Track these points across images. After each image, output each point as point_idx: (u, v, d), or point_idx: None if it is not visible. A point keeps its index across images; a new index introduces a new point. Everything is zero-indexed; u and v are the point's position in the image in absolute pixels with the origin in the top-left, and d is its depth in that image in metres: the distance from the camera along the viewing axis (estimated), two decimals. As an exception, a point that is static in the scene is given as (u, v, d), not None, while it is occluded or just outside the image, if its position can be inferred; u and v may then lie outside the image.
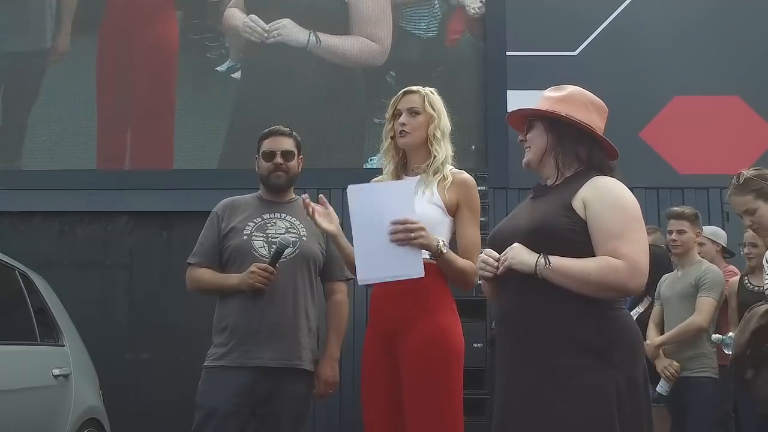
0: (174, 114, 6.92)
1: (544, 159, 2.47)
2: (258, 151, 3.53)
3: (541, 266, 2.26)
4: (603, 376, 2.21)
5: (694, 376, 4.39)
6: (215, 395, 3.24)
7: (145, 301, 6.65)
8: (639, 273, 2.25)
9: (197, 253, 3.46)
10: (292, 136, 3.53)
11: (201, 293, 3.51)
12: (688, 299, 4.46)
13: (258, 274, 3.22)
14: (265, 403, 3.26)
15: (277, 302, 3.29)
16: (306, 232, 3.42)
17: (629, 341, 2.31)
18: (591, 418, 2.19)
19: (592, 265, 2.24)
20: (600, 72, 6.44)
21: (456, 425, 2.79)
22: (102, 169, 6.82)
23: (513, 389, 2.32)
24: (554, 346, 2.25)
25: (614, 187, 2.35)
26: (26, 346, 4.27)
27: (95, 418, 4.68)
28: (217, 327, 3.39)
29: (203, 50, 7.03)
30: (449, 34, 7.02)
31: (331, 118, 6.84)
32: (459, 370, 2.83)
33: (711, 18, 6.86)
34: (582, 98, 2.46)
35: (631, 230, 2.28)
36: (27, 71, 7.05)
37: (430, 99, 3.01)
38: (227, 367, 3.26)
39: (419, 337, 2.78)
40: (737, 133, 6.65)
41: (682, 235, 4.56)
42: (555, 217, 2.32)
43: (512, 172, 6.19)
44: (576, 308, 2.26)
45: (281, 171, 3.46)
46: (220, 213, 3.49)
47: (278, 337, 3.27)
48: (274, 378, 3.25)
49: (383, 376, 2.85)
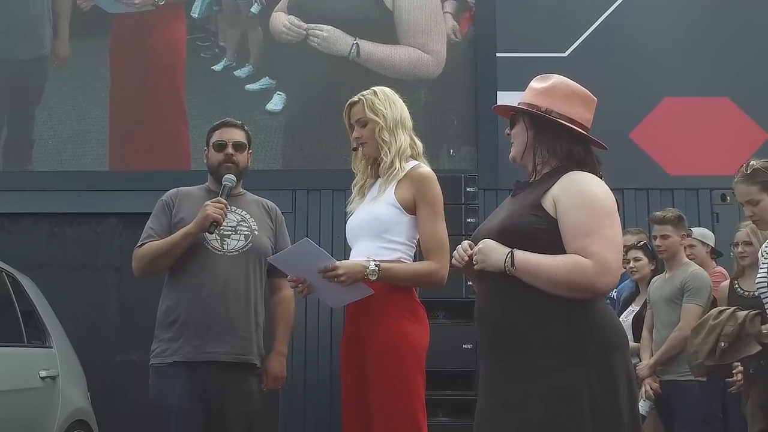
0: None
1: (525, 155, 2.44)
2: (207, 143, 3.51)
3: (509, 265, 2.22)
4: (572, 377, 2.16)
5: (681, 379, 4.39)
6: (171, 392, 3.18)
7: (136, 303, 6.61)
8: (608, 272, 2.18)
9: (146, 238, 3.37)
10: (243, 129, 3.53)
11: (152, 267, 3.33)
12: (676, 302, 4.46)
13: (213, 206, 3.18)
14: (217, 398, 3.22)
15: (230, 296, 3.26)
16: (257, 226, 3.41)
17: (602, 336, 2.24)
18: (560, 421, 2.14)
19: (559, 264, 2.18)
20: (590, 73, 6.38)
21: (416, 428, 2.77)
22: (92, 170, 6.79)
23: (484, 390, 2.31)
24: (523, 345, 2.22)
25: (585, 182, 2.28)
26: (13, 347, 4.26)
27: (83, 420, 4.68)
28: (163, 321, 3.30)
29: (196, 50, 7.01)
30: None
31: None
32: (414, 374, 2.79)
33: (701, 19, 6.87)
34: (565, 90, 2.40)
35: (601, 227, 2.20)
36: (23, 75, 7.02)
37: (371, 104, 2.97)
38: (179, 362, 3.20)
39: (374, 344, 2.79)
40: (727, 134, 6.65)
41: (666, 240, 4.56)
42: (522, 216, 2.28)
43: (502, 173, 6.18)
44: (545, 307, 2.21)
45: (231, 162, 3.43)
46: (170, 202, 3.43)
47: (231, 332, 3.24)
48: (226, 373, 3.22)
49: (354, 379, 2.87)
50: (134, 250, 3.39)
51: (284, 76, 6.92)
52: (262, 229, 3.41)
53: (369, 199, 2.96)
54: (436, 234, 2.86)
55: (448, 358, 4.90)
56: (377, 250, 2.84)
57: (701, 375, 4.10)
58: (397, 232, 2.85)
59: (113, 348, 6.53)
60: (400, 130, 2.95)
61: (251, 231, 3.38)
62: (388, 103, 2.97)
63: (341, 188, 6.32)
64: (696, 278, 4.47)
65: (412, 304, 2.88)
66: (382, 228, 2.85)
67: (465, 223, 5.51)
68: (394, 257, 2.84)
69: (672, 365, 4.43)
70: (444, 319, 5.27)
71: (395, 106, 2.97)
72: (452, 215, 3.60)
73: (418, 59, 6.79)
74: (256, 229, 3.39)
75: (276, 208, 3.60)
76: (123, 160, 6.86)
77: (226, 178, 3.34)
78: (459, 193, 5.58)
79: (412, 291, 2.91)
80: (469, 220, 5.59)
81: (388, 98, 2.99)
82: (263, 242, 3.38)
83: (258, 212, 3.48)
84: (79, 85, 6.94)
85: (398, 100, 3.01)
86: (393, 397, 2.73)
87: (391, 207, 2.86)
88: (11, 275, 4.58)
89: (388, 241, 2.86)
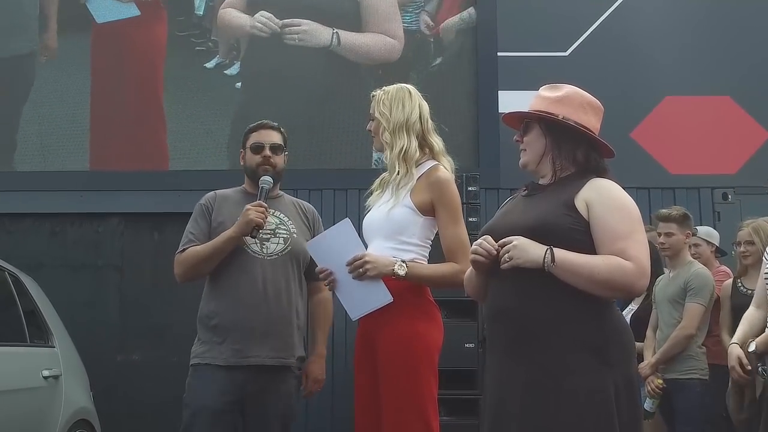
0: (165, 115, 6.90)
1: (542, 161, 2.46)
2: (244, 145, 3.50)
3: (549, 261, 2.24)
4: (602, 377, 2.21)
5: (682, 378, 4.39)
6: (204, 393, 3.20)
7: (137, 303, 6.63)
8: (646, 275, 2.27)
9: (187, 243, 3.35)
10: (280, 131, 3.51)
11: (195, 272, 3.33)
12: (679, 302, 4.45)
13: (254, 210, 3.18)
14: (256, 401, 3.23)
15: (271, 299, 3.26)
16: (296, 229, 3.41)
17: (624, 340, 2.33)
18: (591, 422, 2.17)
19: (600, 263, 2.24)
20: (591, 72, 6.45)
21: (426, 426, 2.77)
22: (94, 170, 6.80)
23: (508, 389, 2.30)
24: (552, 344, 2.24)
25: (616, 190, 2.36)
26: (16, 347, 4.25)
27: (85, 419, 4.66)
28: (206, 324, 3.31)
29: (190, 46, 7.03)
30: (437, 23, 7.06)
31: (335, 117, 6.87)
32: (425, 374, 2.79)
33: (702, 18, 6.88)
34: (579, 99, 2.46)
35: (636, 232, 2.30)
36: (16, 72, 7.03)
37: (378, 101, 3.00)
38: (218, 365, 3.22)
39: (387, 343, 2.80)
40: (728, 133, 6.67)
41: (670, 238, 4.55)
42: (558, 216, 2.31)
43: (503, 172, 6.19)
44: (576, 306, 2.25)
45: (269, 165, 3.42)
46: (209, 205, 3.42)
47: (274, 335, 3.24)
48: (267, 376, 3.23)
49: (367, 374, 2.87)
50: (175, 256, 3.37)
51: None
52: (300, 231, 3.41)
53: (384, 199, 2.96)
54: (457, 236, 2.88)
55: (451, 357, 4.84)
56: (391, 251, 2.85)
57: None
58: (411, 233, 2.86)
59: (114, 348, 6.53)
60: (404, 133, 2.94)
61: (290, 234, 3.38)
62: (392, 105, 2.97)
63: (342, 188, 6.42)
64: (698, 277, 4.47)
65: (426, 303, 2.89)
66: (396, 230, 2.86)
67: (467, 222, 5.49)
68: (408, 258, 2.85)
69: (674, 364, 4.43)
70: (446, 318, 5.24)
71: (402, 108, 2.96)
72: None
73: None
74: (295, 232, 3.39)
75: (313, 209, 3.61)
76: (131, 160, 6.87)
77: (263, 180, 3.32)
78: (461, 192, 5.52)
79: (426, 291, 2.91)
80: (470, 219, 5.59)
81: (396, 99, 2.98)
82: (301, 245, 3.35)
83: (295, 214, 3.48)
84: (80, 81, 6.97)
85: (411, 101, 2.99)
86: (404, 396, 2.73)
87: (405, 208, 2.87)
88: (14, 274, 4.57)
89: (402, 242, 2.87)
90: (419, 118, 2.97)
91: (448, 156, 3.02)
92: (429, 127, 3.00)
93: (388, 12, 7.04)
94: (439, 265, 2.89)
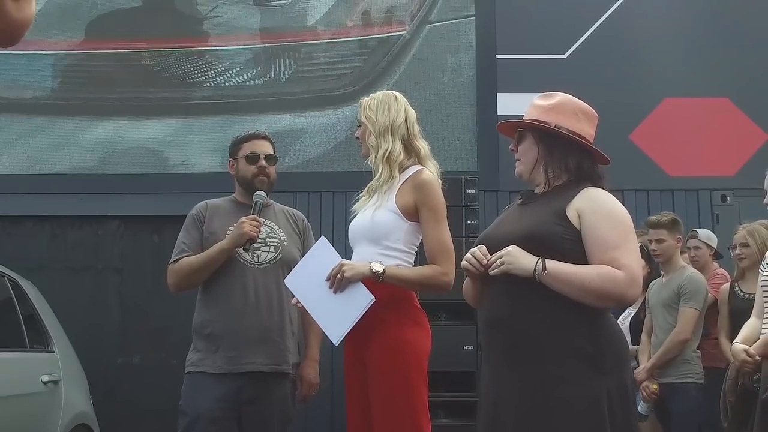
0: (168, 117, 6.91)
1: (535, 170, 2.47)
2: (235, 155, 3.51)
3: (540, 270, 2.25)
4: (595, 385, 2.22)
5: (678, 382, 4.42)
6: (201, 401, 3.23)
7: (137, 305, 6.64)
8: (637, 284, 2.28)
9: (180, 253, 3.39)
10: (271, 141, 3.55)
11: (188, 283, 3.37)
12: (673, 307, 4.48)
13: (249, 224, 3.22)
14: (252, 407, 3.25)
15: (263, 307, 3.30)
16: (286, 238, 3.44)
17: (618, 348, 2.34)
18: (584, 430, 2.18)
19: (592, 273, 2.25)
20: (590, 74, 6.45)
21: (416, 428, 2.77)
22: (93, 172, 6.80)
23: (502, 396, 2.31)
24: (546, 353, 2.25)
25: (608, 199, 2.38)
26: (15, 352, 4.26)
27: (85, 424, 4.67)
28: (200, 332, 3.35)
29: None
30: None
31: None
32: (416, 380, 2.78)
33: (700, 20, 6.88)
34: (572, 107, 2.46)
35: (628, 241, 2.32)
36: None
37: (365, 107, 3.02)
38: (213, 373, 3.25)
39: (376, 350, 2.80)
40: (727, 135, 6.66)
41: (661, 244, 4.58)
42: (550, 225, 2.32)
43: (503, 174, 6.18)
44: (569, 314, 2.26)
45: (264, 175, 3.45)
46: (200, 215, 3.45)
47: (267, 342, 3.28)
48: (262, 382, 3.26)
49: (357, 385, 2.87)
50: (168, 266, 3.40)
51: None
52: (291, 239, 3.45)
53: (371, 204, 2.96)
54: (439, 239, 2.85)
55: (449, 360, 4.91)
56: (375, 256, 2.85)
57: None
58: (395, 238, 2.86)
59: (114, 351, 6.54)
60: (388, 136, 2.94)
61: (280, 242, 3.42)
62: (378, 109, 2.98)
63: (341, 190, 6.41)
64: (692, 282, 4.49)
65: (413, 309, 2.88)
66: (381, 234, 2.86)
67: (465, 224, 5.51)
68: (392, 263, 2.84)
69: (669, 368, 4.44)
70: (445, 321, 5.28)
71: (387, 112, 2.97)
72: (453, 217, 3.60)
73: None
74: (285, 240, 3.43)
75: (302, 216, 3.64)
76: (130, 162, 6.87)
77: (258, 195, 3.36)
78: (459, 194, 5.57)
79: (413, 297, 2.91)
80: (469, 221, 5.59)
81: (382, 103, 2.99)
82: (292, 252, 3.40)
83: (286, 223, 3.51)
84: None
85: (396, 105, 2.99)
86: (395, 403, 2.74)
87: (390, 213, 2.87)
88: (13, 279, 4.58)
89: (386, 247, 2.86)
90: (405, 121, 2.98)
91: (434, 160, 3.02)
92: (415, 131, 3.00)
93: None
94: (420, 267, 2.89)
